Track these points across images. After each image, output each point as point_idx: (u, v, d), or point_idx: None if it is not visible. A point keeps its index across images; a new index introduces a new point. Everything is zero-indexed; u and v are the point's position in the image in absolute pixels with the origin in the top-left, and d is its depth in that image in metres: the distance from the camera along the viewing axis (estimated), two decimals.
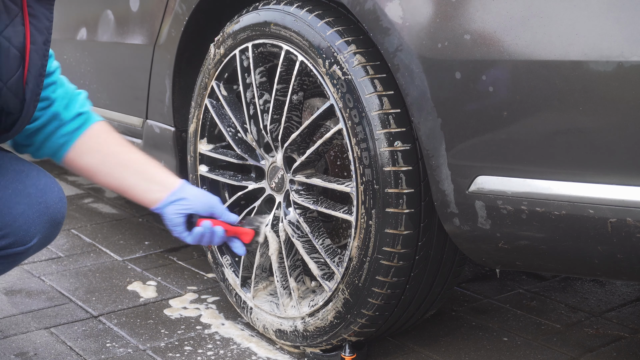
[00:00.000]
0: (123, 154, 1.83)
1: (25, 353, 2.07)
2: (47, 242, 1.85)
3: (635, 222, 1.44)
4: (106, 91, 2.80)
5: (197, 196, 1.82)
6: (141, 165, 1.82)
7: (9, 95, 1.67)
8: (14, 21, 1.65)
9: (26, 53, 1.66)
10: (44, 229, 1.80)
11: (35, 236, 1.79)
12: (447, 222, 1.71)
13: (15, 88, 1.68)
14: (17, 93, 1.68)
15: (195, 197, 1.81)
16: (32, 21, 1.67)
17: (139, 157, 1.84)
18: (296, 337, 2.02)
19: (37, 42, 1.68)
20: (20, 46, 1.66)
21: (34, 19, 1.67)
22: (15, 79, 1.67)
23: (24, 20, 1.66)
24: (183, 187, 1.82)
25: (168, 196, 1.80)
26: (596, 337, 2.17)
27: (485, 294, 2.45)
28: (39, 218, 1.78)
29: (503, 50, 1.52)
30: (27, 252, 1.82)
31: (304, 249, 1.96)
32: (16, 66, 1.67)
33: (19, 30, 1.65)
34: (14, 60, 1.66)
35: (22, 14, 1.66)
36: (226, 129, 2.15)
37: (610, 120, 1.44)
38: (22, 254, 1.82)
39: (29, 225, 1.77)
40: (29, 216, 1.77)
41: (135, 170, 1.82)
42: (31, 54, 1.67)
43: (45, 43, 1.69)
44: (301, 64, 1.87)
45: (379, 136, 1.72)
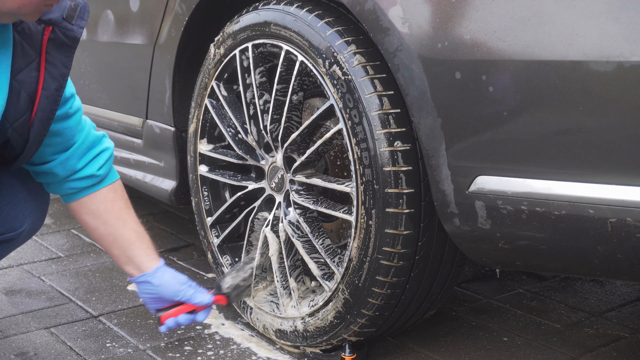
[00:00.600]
0: (116, 228, 1.94)
1: (25, 353, 2.07)
2: (37, 227, 1.94)
3: (635, 222, 1.44)
4: (106, 91, 2.80)
5: (163, 284, 1.93)
6: (128, 244, 1.94)
7: (14, 136, 1.74)
8: (30, 66, 1.69)
9: (36, 98, 1.71)
10: (32, 214, 1.89)
11: (25, 222, 1.87)
12: (447, 222, 1.71)
13: (21, 129, 1.73)
14: (22, 133, 1.74)
15: (161, 285, 1.93)
16: (48, 68, 1.70)
17: (129, 236, 1.95)
18: (296, 337, 2.02)
19: (49, 88, 1.71)
20: (31, 91, 1.71)
21: (50, 66, 1.70)
22: (21, 122, 1.72)
23: (39, 66, 1.69)
24: (154, 273, 1.94)
25: (137, 277, 1.94)
26: (596, 337, 2.17)
27: (485, 294, 2.45)
28: (25, 205, 1.86)
29: (503, 50, 1.52)
30: (19, 236, 1.89)
31: (304, 249, 1.96)
32: (24, 109, 1.71)
33: (32, 76, 1.69)
34: (24, 104, 1.71)
35: (39, 60, 1.69)
36: (226, 129, 2.15)
37: (610, 120, 1.44)
38: (14, 240, 1.89)
39: (17, 212, 1.85)
40: (16, 204, 1.85)
41: (121, 246, 1.94)
42: (41, 100, 1.71)
43: (57, 90, 1.73)
44: (301, 64, 1.87)
45: (379, 136, 1.72)
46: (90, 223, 1.94)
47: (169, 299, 1.94)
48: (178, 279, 1.95)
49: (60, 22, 1.69)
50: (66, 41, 1.71)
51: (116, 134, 2.73)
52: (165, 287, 1.93)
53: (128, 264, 1.95)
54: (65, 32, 1.70)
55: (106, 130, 2.75)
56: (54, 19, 1.68)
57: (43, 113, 1.73)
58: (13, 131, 1.73)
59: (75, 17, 1.70)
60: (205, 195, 2.26)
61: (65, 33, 1.70)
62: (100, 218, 1.93)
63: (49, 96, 1.72)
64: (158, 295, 1.94)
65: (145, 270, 1.93)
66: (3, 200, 1.84)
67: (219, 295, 2.01)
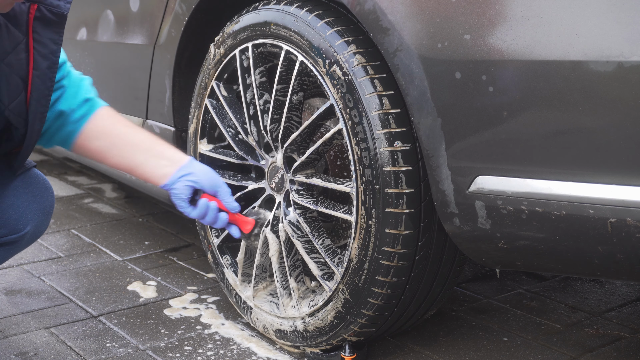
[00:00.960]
0: (131, 135, 1.86)
1: (25, 353, 2.07)
2: (40, 230, 1.92)
3: (635, 222, 1.44)
4: (106, 91, 2.79)
5: (205, 172, 1.83)
6: (149, 143, 1.84)
7: (12, 116, 1.71)
8: (17, 48, 1.66)
9: (29, 79, 1.68)
10: (35, 217, 1.87)
11: (28, 224, 1.86)
12: (447, 222, 1.71)
13: (18, 110, 1.70)
14: (20, 113, 1.71)
15: (203, 173, 1.82)
16: (37, 47, 1.67)
17: (147, 136, 1.87)
18: (296, 337, 2.02)
19: (41, 67, 1.69)
20: (22, 73, 1.68)
21: (38, 45, 1.67)
22: (17, 103, 1.69)
23: (28, 47, 1.66)
24: (191, 163, 1.83)
25: (177, 171, 1.81)
26: (596, 337, 2.17)
27: (485, 294, 2.45)
28: (28, 207, 1.85)
29: (503, 50, 1.52)
30: (22, 239, 1.88)
31: (304, 249, 1.96)
32: (18, 91, 1.69)
33: (21, 58, 1.67)
34: (16, 86, 1.68)
35: (27, 40, 1.66)
36: (226, 129, 2.14)
37: (610, 120, 1.44)
38: (17, 242, 1.88)
39: (20, 214, 1.84)
40: (19, 206, 1.84)
41: (144, 148, 1.83)
42: (33, 80, 1.68)
43: (49, 67, 1.70)
44: (301, 64, 1.87)
45: (379, 136, 1.72)
46: (103, 145, 1.85)
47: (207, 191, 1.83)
48: (213, 171, 1.87)
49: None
50: (53, 18, 1.67)
51: None
52: (207, 176, 1.82)
53: (159, 164, 1.81)
54: (51, 8, 1.67)
55: None
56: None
57: (38, 92, 1.70)
58: (10, 112, 1.70)
59: None
60: None
61: (51, 10, 1.67)
62: (110, 133, 1.85)
63: (41, 75, 1.69)
64: (200, 186, 1.81)
65: (182, 161, 1.82)
66: (6, 202, 1.84)
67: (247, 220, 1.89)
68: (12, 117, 1.72)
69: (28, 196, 1.87)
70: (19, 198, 1.85)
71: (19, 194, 1.86)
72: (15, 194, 1.85)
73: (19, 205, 1.85)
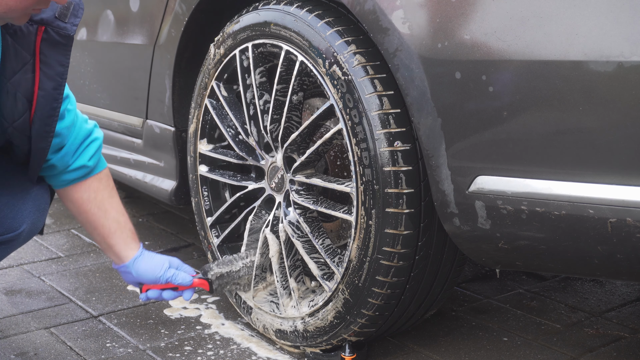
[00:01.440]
0: (97, 217, 2.00)
1: (25, 353, 2.07)
2: (37, 227, 1.95)
3: (635, 222, 1.44)
4: (106, 91, 2.80)
5: (141, 274, 2.02)
6: (108, 233, 2.01)
7: (15, 134, 1.77)
8: (24, 68, 1.70)
9: (34, 99, 1.72)
10: (31, 215, 1.89)
11: (24, 222, 1.88)
12: (447, 222, 1.71)
13: (22, 128, 1.76)
14: (24, 132, 1.77)
15: (138, 274, 2.01)
16: (43, 68, 1.71)
17: (109, 225, 2.00)
18: (296, 337, 2.02)
19: (46, 88, 1.72)
20: (27, 93, 1.72)
21: (45, 67, 1.71)
22: (21, 121, 1.75)
23: (34, 68, 1.70)
24: (132, 263, 2.01)
25: (119, 266, 2.04)
26: (596, 337, 2.17)
27: (485, 294, 2.45)
28: (24, 205, 1.87)
29: (503, 50, 1.52)
30: (19, 237, 1.90)
31: (304, 249, 1.96)
32: (23, 110, 1.73)
33: (28, 78, 1.70)
34: (21, 105, 1.73)
35: (34, 61, 1.70)
36: (226, 129, 2.14)
37: (610, 120, 1.44)
38: (14, 240, 1.90)
39: (15, 213, 1.86)
40: (14, 205, 1.86)
41: (101, 235, 2.01)
42: (38, 100, 1.73)
43: (55, 89, 1.74)
44: (301, 64, 1.87)
45: (379, 136, 1.72)
46: (73, 210, 2.01)
47: (148, 283, 2.02)
48: (157, 265, 2.01)
49: (53, 21, 1.69)
50: (60, 40, 1.71)
51: (116, 134, 2.73)
52: (144, 276, 2.01)
53: (108, 251, 2.03)
54: (59, 30, 1.70)
55: (106, 130, 2.75)
56: (45, 18, 1.68)
57: (42, 111, 1.74)
58: (14, 130, 1.75)
59: (68, 15, 1.70)
60: (205, 195, 2.26)
61: (59, 32, 1.70)
62: (82, 207, 1.98)
63: (46, 96, 1.73)
64: (139, 281, 2.03)
65: (124, 260, 2.01)
66: (1, 201, 1.84)
67: (203, 280, 2.05)
68: (15, 134, 1.76)
69: (23, 194, 1.87)
70: (15, 197, 1.86)
71: (15, 192, 1.86)
72: (11, 193, 1.85)
73: (15, 204, 1.86)
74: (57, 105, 1.75)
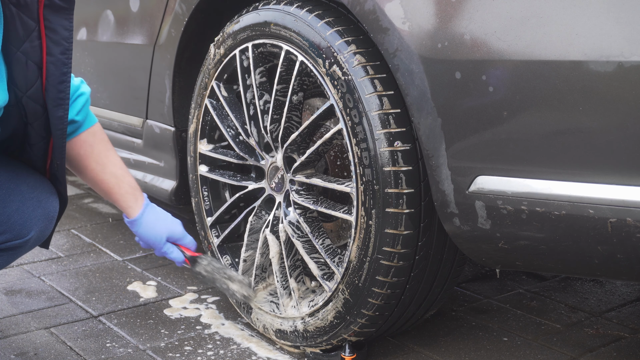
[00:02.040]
0: (96, 173, 1.99)
1: (25, 353, 2.07)
2: (44, 235, 1.94)
3: (635, 222, 1.44)
4: (106, 91, 2.80)
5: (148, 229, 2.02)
6: (108, 188, 2.01)
7: (30, 103, 1.77)
8: (31, 36, 1.71)
9: (43, 65, 1.74)
10: (39, 222, 1.88)
11: (32, 229, 1.87)
12: (447, 222, 1.71)
13: (35, 96, 1.76)
14: (38, 99, 1.77)
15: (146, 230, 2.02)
16: (49, 34, 1.73)
17: (108, 180, 2.00)
18: (296, 337, 2.02)
19: (54, 53, 1.74)
20: (37, 59, 1.73)
21: (50, 32, 1.72)
22: (34, 89, 1.75)
23: (40, 34, 1.72)
24: (139, 219, 2.01)
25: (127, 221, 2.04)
26: (596, 337, 2.17)
27: (485, 294, 2.45)
28: (33, 212, 1.86)
29: (503, 50, 1.52)
30: (26, 244, 1.89)
31: (304, 249, 1.96)
32: (35, 78, 1.75)
33: (35, 45, 1.72)
34: (32, 73, 1.74)
35: (39, 28, 1.71)
36: (226, 130, 2.14)
37: (610, 120, 1.44)
38: (21, 247, 1.89)
39: (24, 220, 1.85)
40: (24, 212, 1.85)
41: (103, 190, 2.02)
42: (48, 66, 1.74)
43: (63, 53, 1.75)
44: (301, 64, 1.87)
45: (379, 136, 1.72)
46: (72, 169, 2.00)
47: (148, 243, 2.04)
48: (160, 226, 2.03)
49: None
50: (62, 4, 1.72)
51: (116, 134, 2.73)
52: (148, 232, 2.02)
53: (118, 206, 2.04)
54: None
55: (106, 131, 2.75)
56: None
57: (53, 77, 1.75)
58: (28, 99, 1.76)
59: None
60: (205, 195, 2.26)
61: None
62: (81, 163, 1.98)
63: (55, 61, 1.74)
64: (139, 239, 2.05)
65: (132, 215, 2.02)
66: (11, 207, 1.83)
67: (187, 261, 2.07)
68: (30, 104, 1.77)
69: (33, 201, 1.87)
70: (25, 203, 1.85)
71: (25, 199, 1.86)
72: (21, 199, 1.85)
73: (24, 211, 1.85)
74: (67, 70, 1.76)
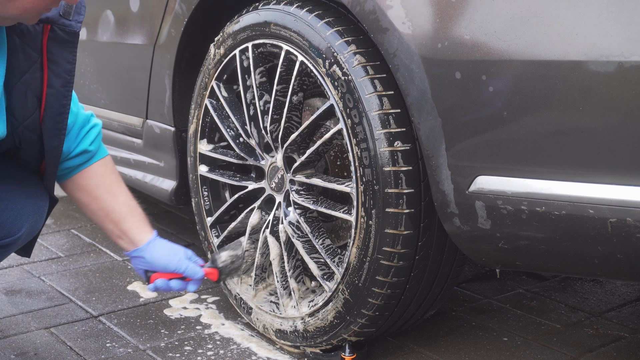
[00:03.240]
0: (108, 203, 1.98)
1: (25, 353, 2.07)
2: (35, 230, 1.94)
3: (635, 222, 1.44)
4: (106, 91, 2.80)
5: (155, 257, 1.97)
6: (120, 217, 1.98)
7: (26, 133, 1.78)
8: (33, 67, 1.72)
9: (43, 97, 1.75)
10: (30, 217, 1.89)
11: (23, 226, 1.87)
12: (447, 222, 1.71)
13: (32, 127, 1.78)
14: (34, 130, 1.78)
15: (152, 258, 1.97)
16: (51, 66, 1.74)
17: (120, 210, 1.99)
18: (296, 337, 2.02)
19: (55, 85, 1.75)
20: (37, 91, 1.74)
21: (52, 65, 1.74)
22: (31, 120, 1.77)
23: (42, 66, 1.73)
24: (146, 247, 1.98)
25: (131, 252, 1.99)
26: (596, 337, 2.17)
27: (485, 294, 2.45)
28: (23, 209, 1.87)
29: (503, 50, 1.52)
30: (18, 241, 1.89)
31: (304, 249, 1.96)
32: (33, 109, 1.76)
33: (37, 77, 1.73)
34: (31, 103, 1.75)
35: (42, 60, 1.72)
36: (226, 130, 2.14)
37: (610, 120, 1.44)
38: (13, 244, 1.90)
39: (15, 217, 1.86)
40: (13, 209, 1.86)
41: (113, 221, 1.98)
42: (47, 98, 1.75)
43: (64, 86, 1.76)
44: (301, 64, 1.87)
45: (379, 136, 1.72)
46: (83, 199, 1.98)
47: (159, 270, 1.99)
48: (170, 251, 1.99)
49: (58, 19, 1.71)
50: (66, 37, 1.73)
51: (116, 134, 2.73)
52: (157, 261, 1.97)
53: (121, 238, 1.99)
54: (64, 28, 1.72)
55: (106, 131, 2.75)
56: (51, 17, 1.70)
57: (52, 109, 1.76)
58: (24, 129, 1.77)
59: (72, 13, 1.73)
60: (205, 195, 2.26)
61: (64, 29, 1.72)
62: (92, 193, 1.97)
63: (55, 93, 1.75)
64: (151, 268, 1.99)
65: (138, 244, 1.97)
66: (0, 205, 1.84)
67: (212, 269, 2.03)
68: (26, 133, 1.78)
69: (22, 197, 1.87)
70: (13, 201, 1.86)
71: (13, 196, 1.86)
72: (9, 197, 1.85)
73: (13, 209, 1.86)
74: (66, 102, 1.77)
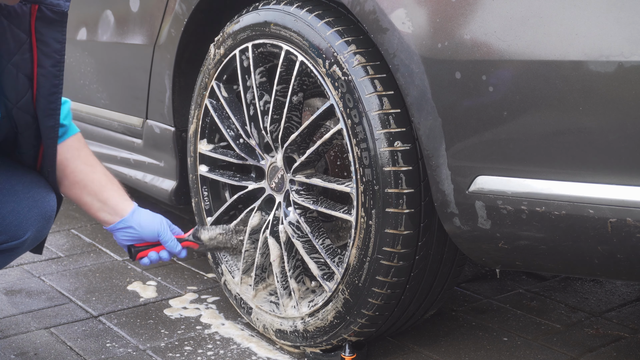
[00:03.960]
0: (85, 174, 1.95)
1: (25, 353, 2.07)
2: (42, 235, 1.92)
3: (635, 222, 1.44)
4: (106, 91, 2.80)
5: (143, 225, 1.96)
6: (98, 187, 1.95)
7: (20, 114, 1.77)
8: (22, 48, 1.71)
9: (34, 77, 1.74)
10: (36, 222, 1.87)
11: (28, 230, 1.86)
12: (447, 222, 1.71)
13: (26, 108, 1.77)
14: (28, 110, 1.78)
15: (141, 227, 1.95)
16: (40, 47, 1.72)
17: (99, 179, 1.96)
18: (296, 337, 2.02)
19: (45, 66, 1.74)
20: (28, 72, 1.73)
21: (42, 45, 1.72)
22: (24, 101, 1.76)
23: (32, 47, 1.72)
24: (131, 216, 1.95)
25: (116, 223, 1.96)
26: (596, 337, 2.17)
27: (485, 294, 2.45)
28: (29, 213, 1.85)
29: (503, 50, 1.52)
30: (23, 245, 1.88)
31: (304, 249, 1.96)
32: (25, 90, 1.75)
33: (26, 58, 1.72)
34: (23, 85, 1.74)
35: (31, 41, 1.71)
36: (226, 130, 2.14)
37: (610, 120, 1.44)
38: (18, 248, 1.88)
39: (20, 220, 1.84)
40: (19, 212, 1.84)
41: (92, 191, 1.95)
42: (39, 78, 1.74)
43: (54, 65, 1.75)
44: (301, 64, 1.87)
45: (379, 136, 1.72)
46: (58, 173, 1.95)
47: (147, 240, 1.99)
48: (156, 219, 2.00)
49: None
50: (54, 17, 1.72)
51: (116, 134, 2.73)
52: (146, 229, 1.97)
53: (102, 210, 1.96)
54: (52, 8, 1.71)
55: (106, 131, 2.75)
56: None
57: (44, 89, 1.75)
58: (18, 110, 1.76)
59: None
60: (205, 195, 2.26)
61: (52, 9, 1.71)
62: (69, 166, 1.94)
63: (46, 74, 1.74)
64: (139, 238, 1.98)
65: (123, 214, 1.96)
66: (6, 208, 1.82)
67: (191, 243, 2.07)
68: (20, 114, 1.77)
69: (29, 201, 1.85)
70: (20, 204, 1.84)
71: (20, 199, 1.84)
72: (16, 199, 1.84)
73: (20, 211, 1.84)
74: (58, 82, 1.76)
